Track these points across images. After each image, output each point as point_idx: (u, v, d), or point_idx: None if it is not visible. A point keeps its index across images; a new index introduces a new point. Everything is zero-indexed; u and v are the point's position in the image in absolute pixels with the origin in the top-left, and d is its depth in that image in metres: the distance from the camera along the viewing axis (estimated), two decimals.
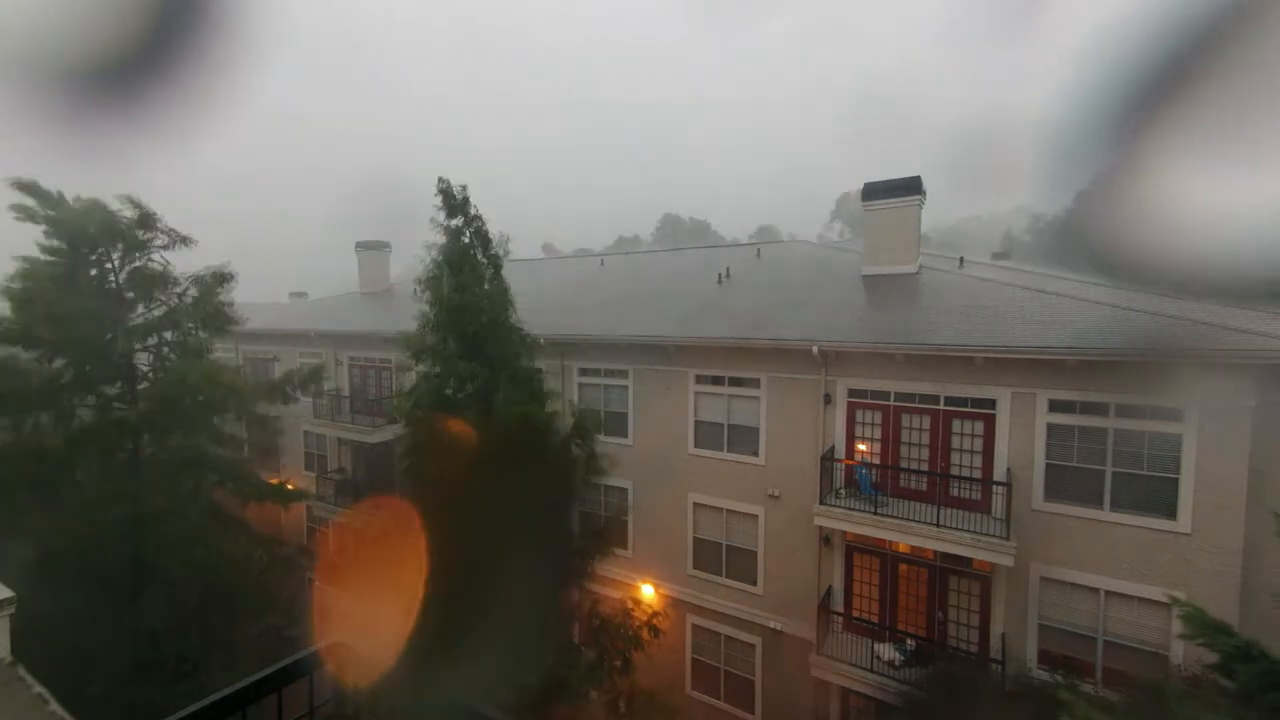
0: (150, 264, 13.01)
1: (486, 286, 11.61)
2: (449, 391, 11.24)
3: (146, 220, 12.59)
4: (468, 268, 11.47)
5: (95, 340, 12.19)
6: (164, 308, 13.08)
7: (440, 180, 11.51)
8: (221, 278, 13.43)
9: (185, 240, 13.08)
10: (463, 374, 11.13)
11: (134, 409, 12.34)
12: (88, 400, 12.62)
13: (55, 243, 12.27)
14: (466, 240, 11.65)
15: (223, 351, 18.96)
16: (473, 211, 11.70)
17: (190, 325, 12.89)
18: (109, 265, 12.73)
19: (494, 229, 12.10)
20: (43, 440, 11.45)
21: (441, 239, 11.68)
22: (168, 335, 13.02)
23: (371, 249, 26.77)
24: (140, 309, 13.04)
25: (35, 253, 12.39)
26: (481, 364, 11.19)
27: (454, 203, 11.54)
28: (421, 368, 11.74)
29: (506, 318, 11.73)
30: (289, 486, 17.19)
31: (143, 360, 13.19)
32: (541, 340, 14.71)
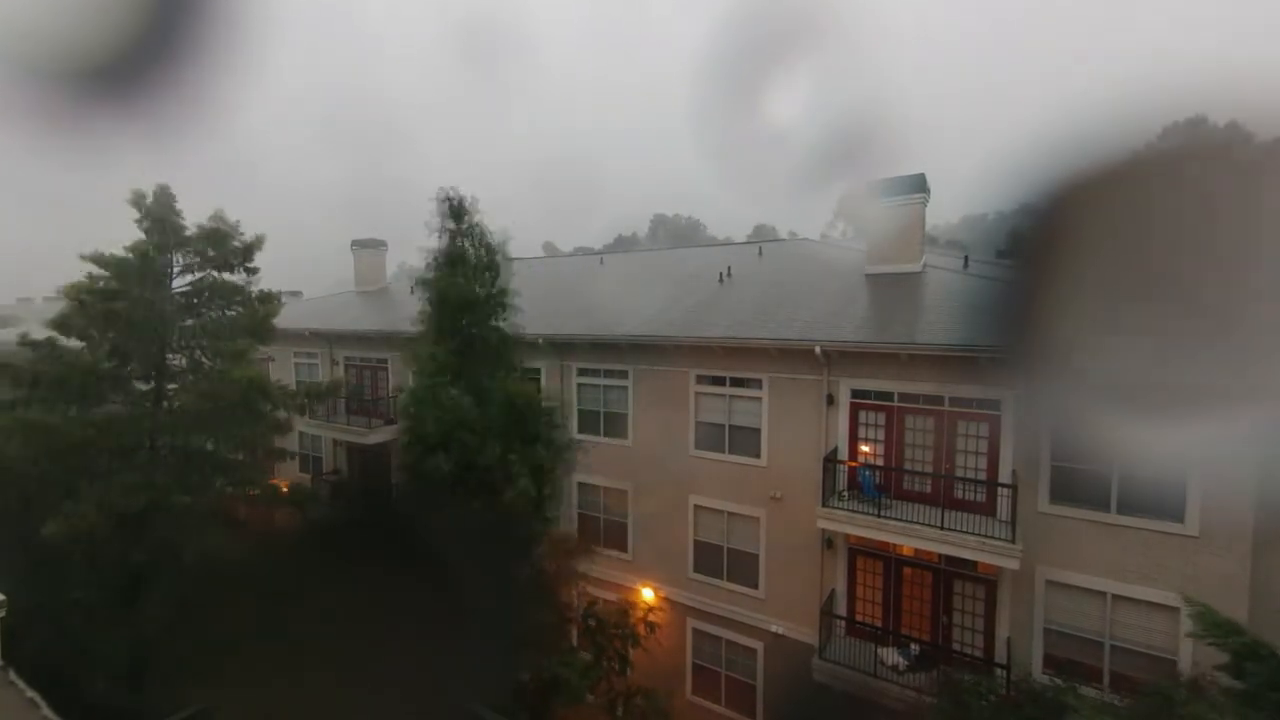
0: (213, 277, 13.40)
1: (484, 288, 11.69)
2: (446, 384, 11.17)
3: (221, 236, 13.06)
4: (461, 265, 11.67)
5: (151, 339, 12.48)
6: (212, 316, 13.43)
7: (441, 190, 11.84)
8: (269, 298, 13.95)
9: (251, 267, 13.55)
10: (453, 370, 11.13)
11: (165, 406, 12.60)
12: (116, 395, 12.70)
13: (147, 242, 12.59)
14: (462, 243, 11.89)
15: None
16: (472, 218, 11.95)
17: (235, 335, 13.07)
18: (176, 269, 13.19)
19: (494, 227, 12.16)
20: (83, 425, 11.54)
21: (439, 242, 11.90)
22: (204, 342, 13.18)
23: (367, 247, 26.56)
24: (191, 316, 13.42)
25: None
26: (463, 359, 11.31)
27: (454, 209, 11.85)
28: (418, 367, 11.79)
29: (496, 319, 11.79)
30: (283, 488, 17.00)
31: (177, 362, 13.34)
32: (540, 340, 14.60)
